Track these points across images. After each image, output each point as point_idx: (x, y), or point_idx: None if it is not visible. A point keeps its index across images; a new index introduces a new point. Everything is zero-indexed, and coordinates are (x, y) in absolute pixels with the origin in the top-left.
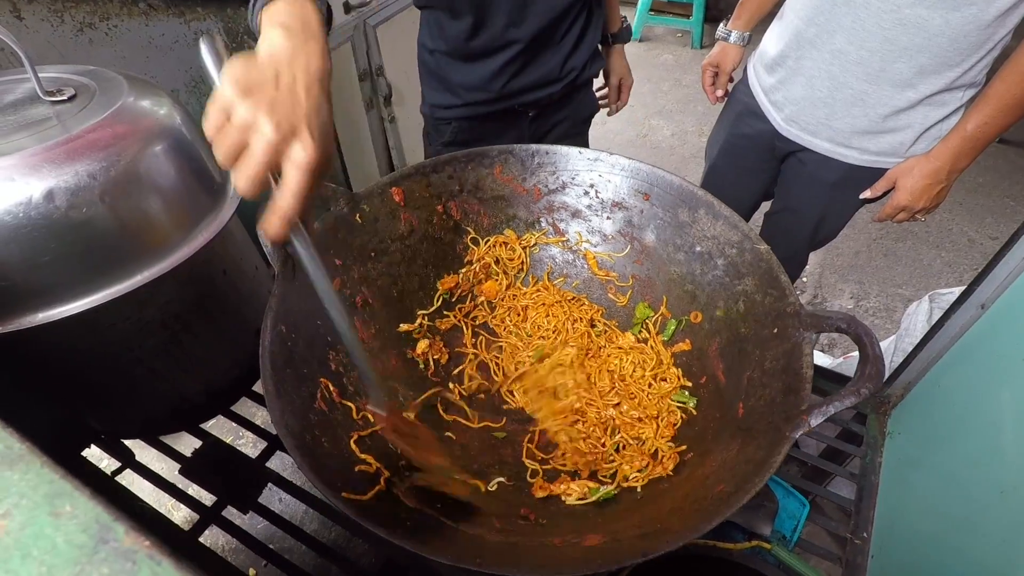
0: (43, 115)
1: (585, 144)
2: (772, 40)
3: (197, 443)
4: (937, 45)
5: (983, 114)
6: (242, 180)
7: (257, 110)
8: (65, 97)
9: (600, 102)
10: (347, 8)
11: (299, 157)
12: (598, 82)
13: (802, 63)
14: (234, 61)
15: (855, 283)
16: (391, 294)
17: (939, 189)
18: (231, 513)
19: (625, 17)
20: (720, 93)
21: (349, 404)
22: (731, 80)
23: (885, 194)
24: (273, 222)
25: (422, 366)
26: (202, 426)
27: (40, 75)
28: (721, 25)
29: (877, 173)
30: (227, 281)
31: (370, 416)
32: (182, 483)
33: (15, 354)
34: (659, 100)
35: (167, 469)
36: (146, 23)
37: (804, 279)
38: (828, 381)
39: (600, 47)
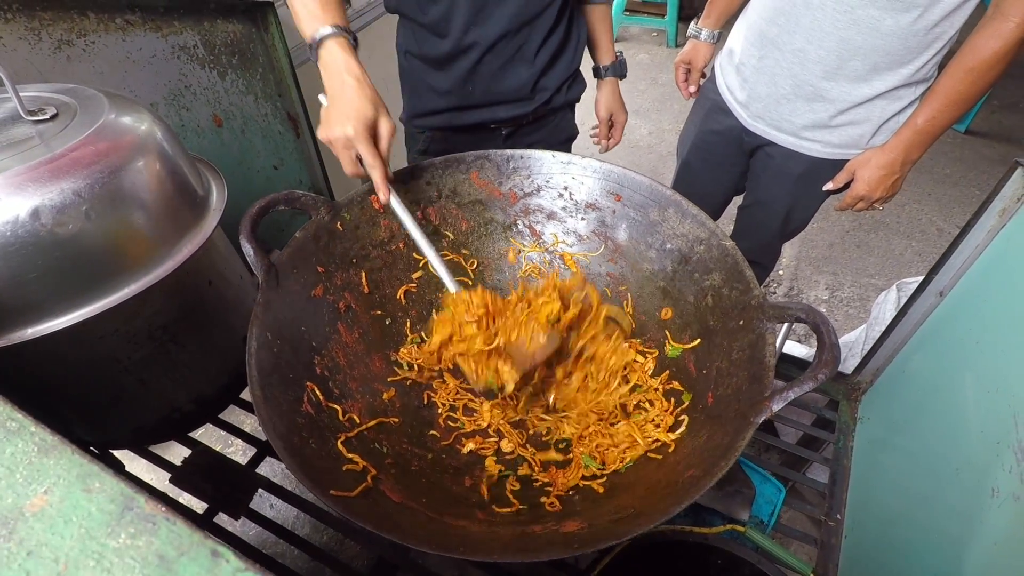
0: (26, 135)
1: None
2: (737, 39)
3: (187, 452)
4: (889, 44)
5: (932, 108)
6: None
7: (340, 131)
8: (47, 116)
9: (592, 138)
10: None
11: (384, 130)
12: (591, 118)
13: (765, 62)
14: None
15: (830, 274)
16: (373, 299)
17: (894, 179)
18: (222, 520)
19: (620, 52)
20: (693, 89)
21: (335, 407)
22: (703, 76)
23: (848, 185)
24: (381, 187)
25: (405, 367)
26: (191, 434)
27: (21, 94)
28: (692, 23)
29: (839, 165)
30: (213, 291)
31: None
32: (173, 492)
33: (4, 369)
34: (636, 99)
35: (157, 479)
36: (123, 38)
37: (780, 271)
38: (801, 370)
39: (596, 80)
